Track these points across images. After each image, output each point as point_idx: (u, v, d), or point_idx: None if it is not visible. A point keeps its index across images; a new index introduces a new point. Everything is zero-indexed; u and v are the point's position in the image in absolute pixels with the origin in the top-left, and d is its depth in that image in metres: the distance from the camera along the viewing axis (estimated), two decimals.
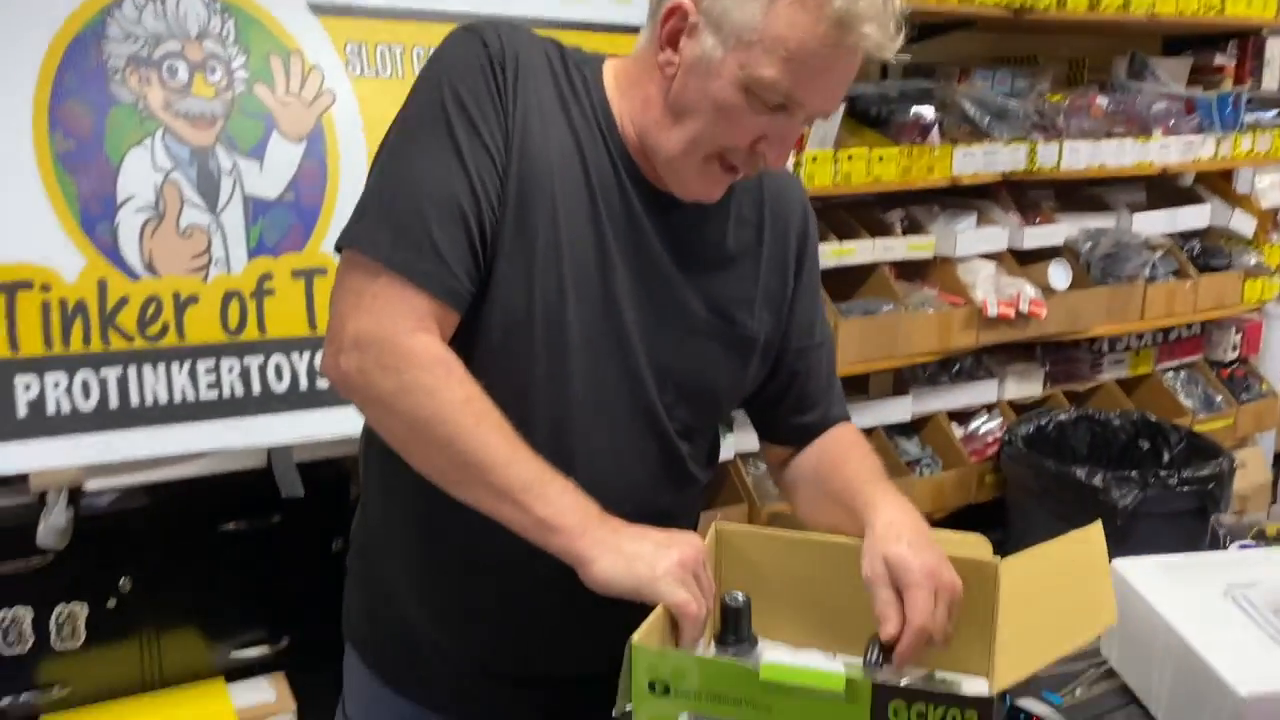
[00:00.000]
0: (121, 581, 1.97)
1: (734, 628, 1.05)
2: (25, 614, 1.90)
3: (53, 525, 1.80)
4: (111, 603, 1.97)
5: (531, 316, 1.08)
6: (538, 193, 1.06)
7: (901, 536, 1.08)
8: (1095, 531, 1.06)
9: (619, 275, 1.11)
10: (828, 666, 0.88)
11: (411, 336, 1.01)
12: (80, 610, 1.94)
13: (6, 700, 1.93)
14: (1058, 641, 0.88)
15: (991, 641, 1.00)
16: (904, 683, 1.01)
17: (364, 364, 1.01)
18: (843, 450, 1.29)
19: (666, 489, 1.20)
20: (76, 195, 1.57)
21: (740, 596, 1.04)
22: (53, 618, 1.92)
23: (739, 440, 2.61)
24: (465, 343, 1.07)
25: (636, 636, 0.93)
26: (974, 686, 1.04)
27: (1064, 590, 0.99)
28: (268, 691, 2.06)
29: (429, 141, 1.04)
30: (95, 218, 1.58)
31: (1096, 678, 1.36)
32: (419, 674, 1.21)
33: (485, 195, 1.04)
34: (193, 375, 1.62)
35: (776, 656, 1.04)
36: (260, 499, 1.98)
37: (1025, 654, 0.92)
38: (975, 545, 1.26)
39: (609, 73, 1.14)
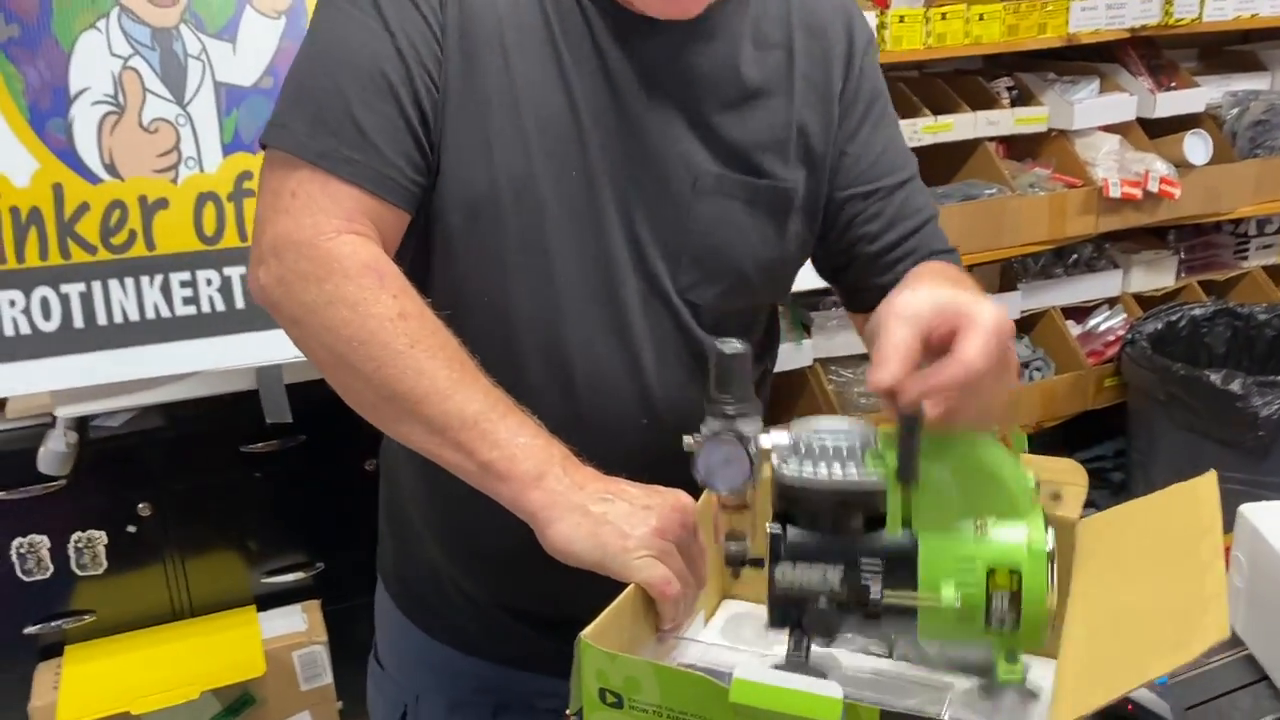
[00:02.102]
0: (140, 506, 1.87)
1: (727, 383, 0.79)
2: (41, 541, 1.82)
3: (52, 450, 1.69)
4: (131, 529, 1.87)
5: (496, 192, 0.91)
6: (483, 45, 0.90)
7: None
8: (1207, 488, 0.78)
9: (594, 129, 0.92)
10: (818, 687, 0.65)
11: (336, 239, 0.84)
12: (99, 537, 1.86)
13: (37, 628, 1.87)
14: (1140, 664, 0.63)
15: (1057, 635, 0.75)
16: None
17: (282, 273, 0.84)
18: (919, 272, 1.01)
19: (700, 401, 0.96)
20: (24, 89, 1.39)
21: (738, 345, 0.79)
22: (70, 544, 1.84)
23: (817, 344, 2.36)
24: (422, 240, 0.93)
25: (588, 631, 0.72)
26: (1040, 673, 0.79)
27: (1158, 581, 0.72)
28: (299, 620, 1.95)
29: (346, 5, 0.89)
30: (45, 113, 1.40)
31: (1215, 647, 1.09)
32: (447, 616, 1.07)
33: (418, 59, 0.88)
34: (165, 290, 1.45)
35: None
36: None
37: (1098, 674, 0.67)
38: (1068, 474, 0.99)
39: None
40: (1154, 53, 2.66)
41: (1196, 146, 2.58)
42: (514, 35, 0.90)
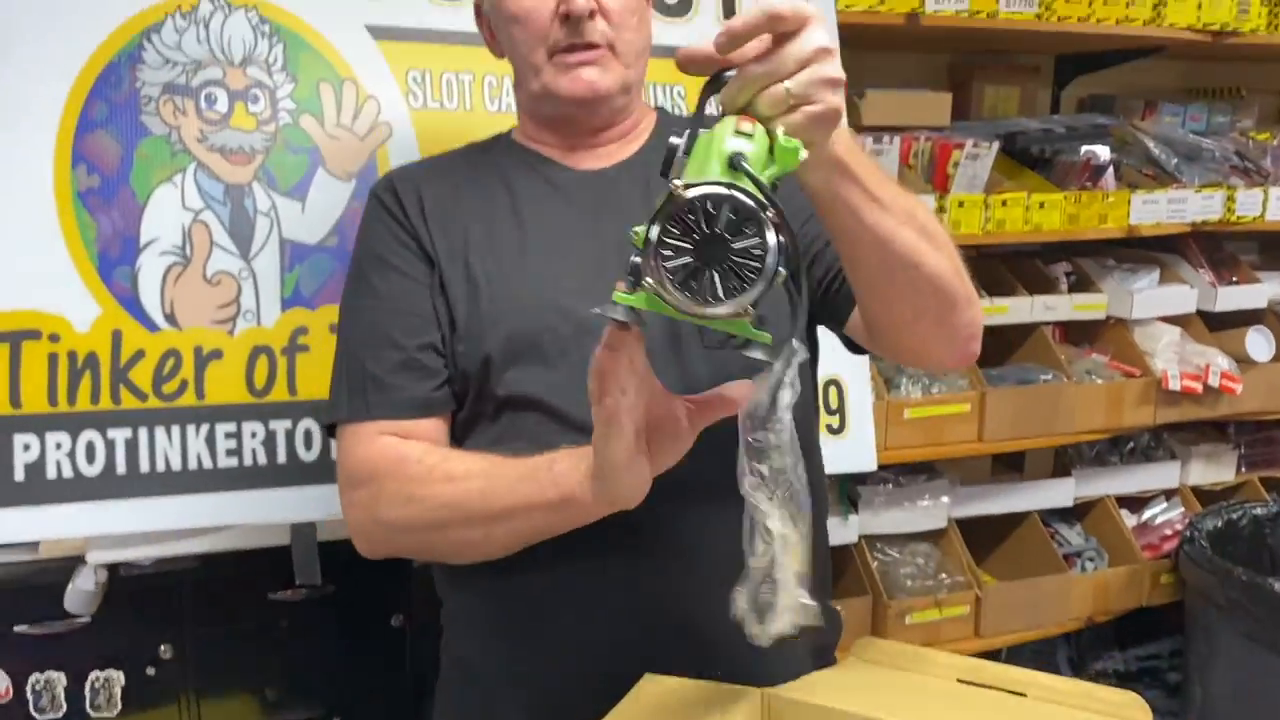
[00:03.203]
0: (162, 648, 1.82)
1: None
2: (59, 679, 1.77)
3: (80, 589, 1.67)
4: (151, 670, 1.82)
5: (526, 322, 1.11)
6: (465, 246, 1.15)
7: None
8: None
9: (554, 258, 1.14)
10: None
11: (371, 457, 1.10)
12: (117, 677, 1.81)
13: None
14: None
15: None
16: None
17: (364, 501, 1.09)
18: None
19: None
20: (96, 237, 1.42)
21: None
22: (88, 684, 1.79)
23: (864, 521, 2.30)
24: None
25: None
26: None
27: None
28: None
29: (356, 304, 1.16)
30: (114, 261, 1.43)
31: None
32: None
33: (413, 309, 1.13)
34: (210, 440, 1.44)
35: None
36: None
37: None
38: (1130, 708, 0.94)
39: None
40: (1215, 246, 2.64)
41: (1259, 343, 2.53)
42: (484, 222, 1.16)
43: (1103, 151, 2.36)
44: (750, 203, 0.72)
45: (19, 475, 1.38)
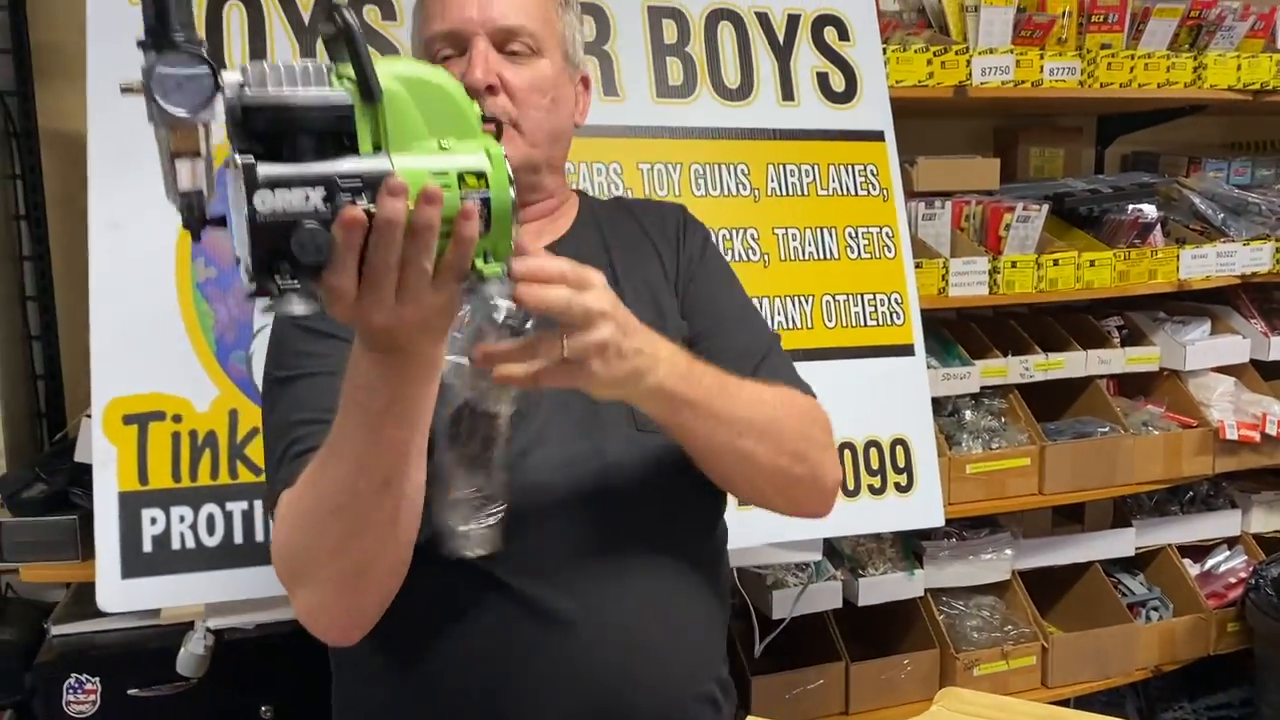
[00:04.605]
0: (263, 709, 1.91)
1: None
2: None
3: (191, 654, 1.76)
4: None
5: None
6: None
7: None
8: None
9: None
10: None
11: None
12: None
13: None
14: None
15: None
16: None
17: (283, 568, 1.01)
18: None
19: None
20: (213, 324, 1.54)
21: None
22: None
23: (929, 575, 2.35)
24: None
25: None
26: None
27: None
28: None
29: (274, 390, 1.09)
30: (230, 346, 1.55)
31: None
32: None
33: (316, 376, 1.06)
34: None
35: None
36: None
37: None
38: None
39: None
40: (1266, 296, 2.69)
41: None
42: None
43: (1149, 209, 2.43)
44: None
45: (147, 547, 1.49)
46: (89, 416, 1.76)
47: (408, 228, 0.74)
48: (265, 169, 0.72)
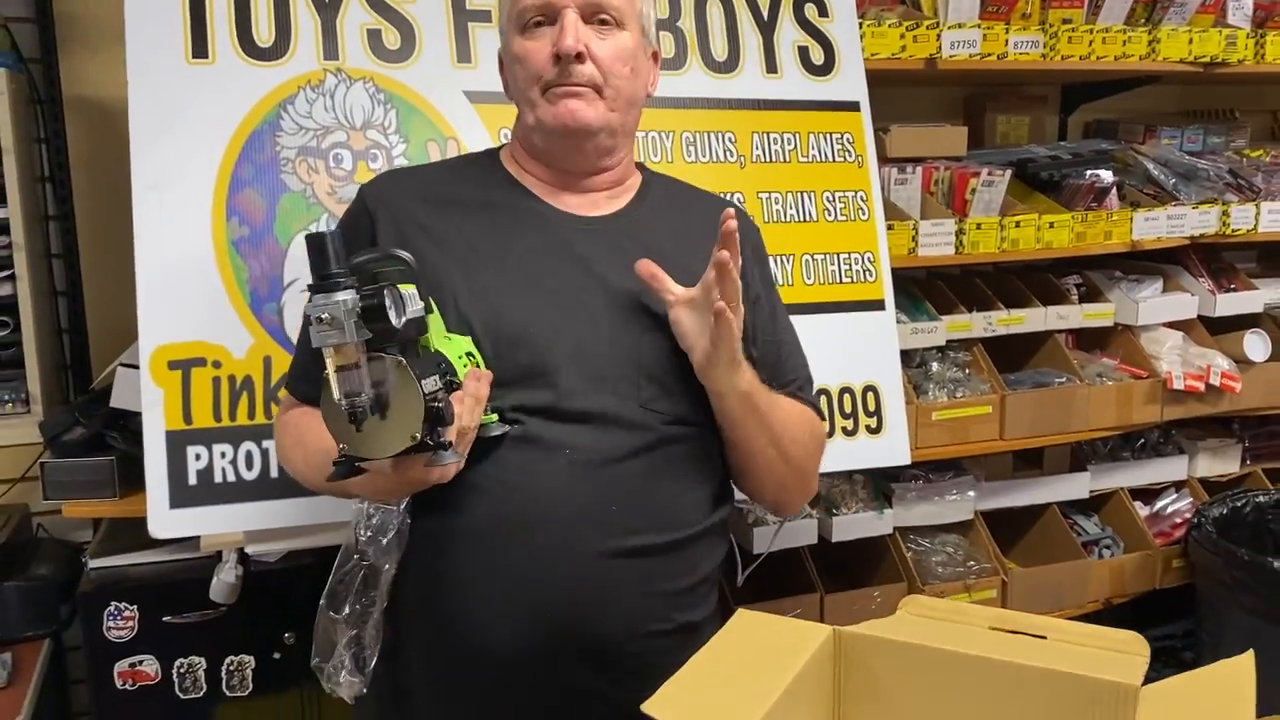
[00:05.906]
0: (286, 635, 2.07)
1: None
2: (200, 663, 2.02)
3: (224, 582, 1.92)
4: (277, 655, 2.07)
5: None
6: (439, 257, 1.26)
7: None
8: (1245, 666, 0.96)
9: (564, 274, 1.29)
10: None
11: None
12: (248, 661, 2.05)
13: None
14: None
15: None
16: None
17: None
18: None
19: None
20: (248, 278, 1.68)
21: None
22: (224, 667, 2.04)
23: (897, 514, 2.53)
24: None
25: None
26: None
27: None
28: None
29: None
30: (263, 299, 1.69)
31: None
32: None
33: None
34: None
35: None
36: None
37: None
38: (1130, 645, 1.14)
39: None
40: (1214, 256, 2.87)
41: (1256, 345, 2.75)
42: (465, 234, 1.30)
43: (1106, 174, 2.59)
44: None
45: (191, 480, 1.63)
46: (125, 365, 1.91)
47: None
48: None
